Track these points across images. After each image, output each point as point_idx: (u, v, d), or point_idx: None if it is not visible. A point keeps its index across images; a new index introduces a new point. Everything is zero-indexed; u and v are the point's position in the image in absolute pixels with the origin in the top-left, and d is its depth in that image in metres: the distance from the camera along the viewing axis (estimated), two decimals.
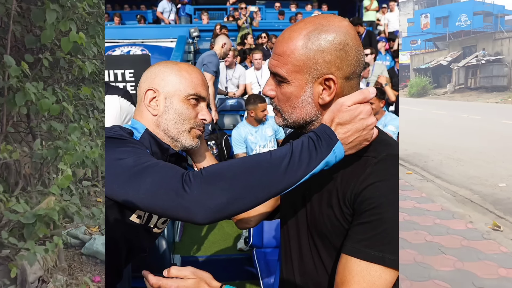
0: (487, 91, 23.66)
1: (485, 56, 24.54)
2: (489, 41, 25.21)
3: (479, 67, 24.50)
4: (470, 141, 8.44)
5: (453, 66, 26.10)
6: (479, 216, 4.10)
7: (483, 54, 24.81)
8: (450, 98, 24.10)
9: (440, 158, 7.00)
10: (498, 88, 23.36)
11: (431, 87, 25.94)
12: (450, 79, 26.61)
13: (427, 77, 26.48)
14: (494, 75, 24.05)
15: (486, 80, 24.36)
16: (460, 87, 25.65)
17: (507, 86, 23.44)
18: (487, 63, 24.10)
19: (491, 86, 23.82)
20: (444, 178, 5.72)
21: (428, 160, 6.89)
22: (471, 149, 7.62)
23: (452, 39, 27.72)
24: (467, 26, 27.71)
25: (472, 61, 24.93)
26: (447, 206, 4.35)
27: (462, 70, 25.69)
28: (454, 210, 4.23)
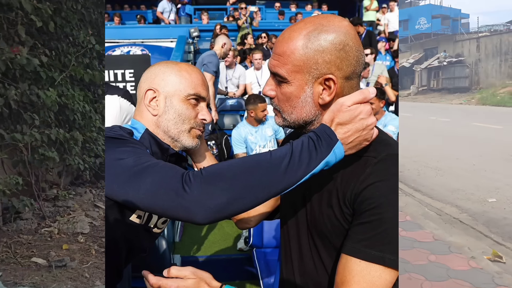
0: (450, 92, 24.19)
1: (446, 57, 25.20)
2: (450, 43, 25.94)
3: (441, 68, 25.15)
4: (445, 147, 7.99)
5: (416, 68, 26.70)
6: (475, 243, 3.43)
7: (444, 56, 25.45)
8: (414, 99, 24.36)
9: (416, 167, 6.44)
10: (460, 90, 23.98)
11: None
12: (413, 81, 27.19)
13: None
14: (456, 76, 24.74)
15: (448, 82, 24.99)
16: (423, 89, 26.23)
17: (468, 87, 24.13)
18: (449, 64, 24.78)
19: (453, 87, 24.46)
20: (424, 191, 5.14)
21: (404, 169, 6.20)
22: (448, 156, 7.13)
23: (414, 41, 28.29)
24: (427, 29, 28.13)
25: (434, 63, 25.59)
26: (440, 235, 3.56)
27: (424, 71, 26.34)
28: (449, 240, 3.47)
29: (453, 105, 20.05)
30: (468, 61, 24.69)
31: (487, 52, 24.29)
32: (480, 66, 24.45)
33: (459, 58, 24.96)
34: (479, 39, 24.88)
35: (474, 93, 22.83)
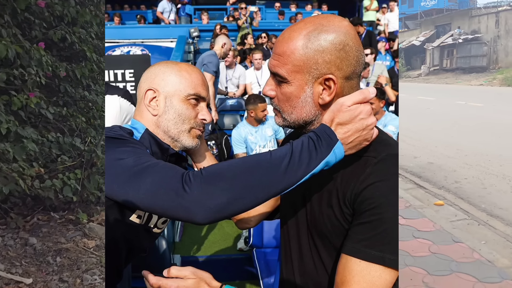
0: (465, 72, 21.67)
1: (461, 34, 22.63)
2: (465, 18, 23.16)
3: (456, 46, 22.62)
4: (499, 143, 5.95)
5: (427, 46, 24.12)
6: None
7: (459, 32, 22.85)
8: (426, 80, 21.92)
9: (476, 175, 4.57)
10: (476, 69, 21.44)
11: (404, 69, 24.07)
12: (423, 61, 24.58)
13: (400, 59, 24.94)
14: (472, 55, 22.04)
15: (463, 61, 22.40)
16: (435, 69, 23.73)
17: (486, 67, 21.54)
18: (464, 42, 22.20)
19: (469, 67, 21.88)
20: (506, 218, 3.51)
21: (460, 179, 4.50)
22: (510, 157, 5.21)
23: (424, 18, 25.61)
24: (432, 6, 26.06)
25: (448, 41, 23.01)
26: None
27: (436, 50, 23.73)
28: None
29: (472, 86, 17.51)
30: (485, 38, 21.87)
31: (508, 28, 21.10)
32: (499, 43, 21.34)
33: (475, 35, 22.00)
34: (498, 13, 21.62)
35: (493, 73, 20.16)
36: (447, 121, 8.40)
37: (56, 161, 2.68)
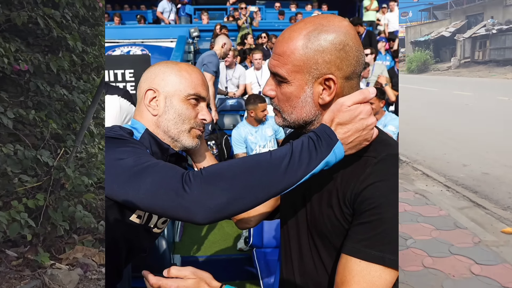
0: (498, 65, 20.03)
1: (495, 25, 21.07)
2: (499, 7, 21.43)
3: (489, 37, 20.95)
4: None
5: (458, 37, 22.47)
6: None
7: (492, 23, 21.29)
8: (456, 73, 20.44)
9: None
10: (510, 62, 19.77)
11: (432, 62, 23.00)
12: (454, 53, 22.95)
13: (428, 51, 23.30)
14: (507, 47, 20.26)
15: (497, 53, 20.70)
16: (466, 61, 22.15)
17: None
18: (498, 33, 20.55)
19: (503, 59, 20.11)
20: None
21: (481, 185, 3.93)
22: None
23: (454, 7, 24.06)
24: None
25: (480, 31, 21.33)
26: None
27: (468, 41, 22.00)
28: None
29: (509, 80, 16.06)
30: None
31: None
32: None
33: (510, 26, 20.38)
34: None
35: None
36: (492, 119, 7.14)
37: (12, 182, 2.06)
